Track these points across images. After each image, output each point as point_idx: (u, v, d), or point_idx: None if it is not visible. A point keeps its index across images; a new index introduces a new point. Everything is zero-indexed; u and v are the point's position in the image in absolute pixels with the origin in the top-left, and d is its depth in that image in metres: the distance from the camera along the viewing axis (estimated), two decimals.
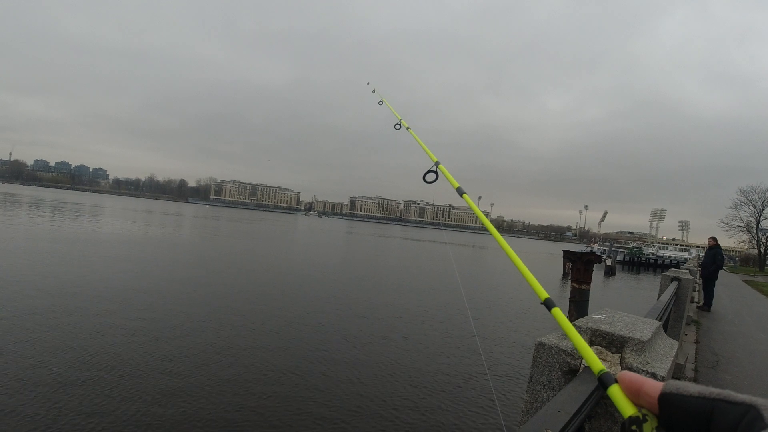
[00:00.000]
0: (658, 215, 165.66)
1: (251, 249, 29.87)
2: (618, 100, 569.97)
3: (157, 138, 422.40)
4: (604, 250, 54.89)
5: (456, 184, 1.77)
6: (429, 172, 1.84)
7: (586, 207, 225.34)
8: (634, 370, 1.17)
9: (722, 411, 0.40)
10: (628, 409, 0.53)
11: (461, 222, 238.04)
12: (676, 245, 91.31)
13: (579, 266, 11.36)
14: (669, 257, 62.27)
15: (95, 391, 6.15)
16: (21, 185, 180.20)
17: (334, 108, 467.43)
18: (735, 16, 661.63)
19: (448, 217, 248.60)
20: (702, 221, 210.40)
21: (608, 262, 39.06)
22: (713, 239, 11.70)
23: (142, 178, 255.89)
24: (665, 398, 0.46)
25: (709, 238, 11.82)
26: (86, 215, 46.01)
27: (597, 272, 20.00)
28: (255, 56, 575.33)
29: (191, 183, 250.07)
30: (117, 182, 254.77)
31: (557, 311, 1.06)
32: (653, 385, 0.49)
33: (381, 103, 3.49)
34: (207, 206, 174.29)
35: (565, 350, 1.22)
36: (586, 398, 0.94)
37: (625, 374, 0.55)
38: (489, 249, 60.52)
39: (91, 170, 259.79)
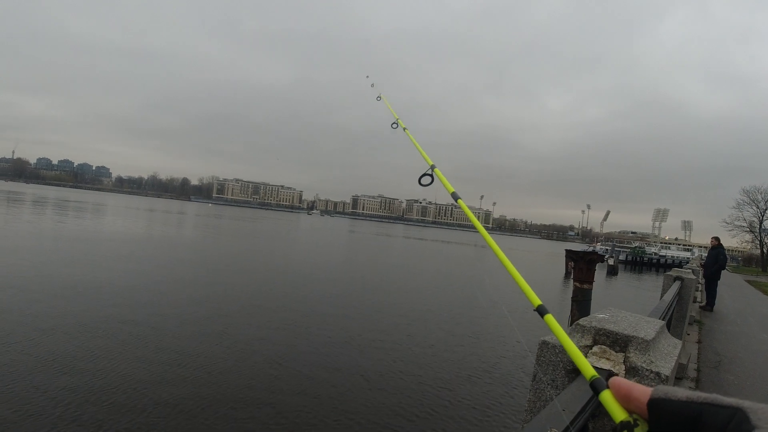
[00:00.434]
0: (661, 215, 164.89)
1: (254, 247, 29.93)
2: (619, 100, 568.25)
3: (160, 137, 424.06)
4: (607, 250, 54.80)
5: (451, 189, 1.76)
6: (424, 176, 1.85)
7: (589, 206, 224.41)
8: (638, 369, 1.18)
9: (710, 414, 0.41)
10: (620, 415, 0.54)
11: (463, 221, 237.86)
12: (679, 245, 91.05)
13: (581, 266, 11.34)
14: (671, 257, 62.20)
15: (99, 389, 6.19)
16: (24, 183, 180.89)
17: (336, 107, 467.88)
18: (735, 17, 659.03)
19: (451, 216, 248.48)
20: (705, 221, 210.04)
21: (611, 262, 39.00)
22: (716, 239, 11.68)
23: (145, 177, 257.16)
24: (654, 403, 0.47)
25: (712, 238, 11.80)
26: (89, 214, 46.17)
27: (599, 272, 19.96)
28: (256, 56, 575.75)
29: (194, 181, 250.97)
30: (120, 180, 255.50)
31: (550, 318, 1.05)
32: (643, 391, 0.50)
33: (379, 99, 3.41)
34: (209, 205, 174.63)
35: None
36: (591, 397, 0.95)
37: (616, 380, 0.56)
38: (489, 249, 60.26)
39: (94, 168, 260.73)
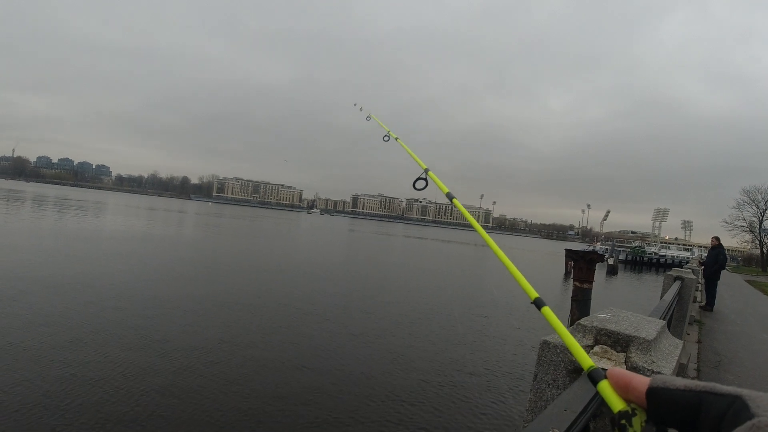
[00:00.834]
0: (661, 215, 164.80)
1: (255, 246, 29.94)
2: (619, 100, 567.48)
3: (160, 136, 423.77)
4: (607, 249, 54.81)
5: (446, 190, 1.79)
6: (419, 180, 1.88)
7: (589, 206, 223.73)
8: (640, 369, 1.18)
9: (709, 403, 0.41)
10: (618, 404, 0.53)
11: (463, 220, 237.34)
12: (679, 245, 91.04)
13: (581, 265, 11.36)
14: (671, 257, 62.17)
15: (100, 388, 6.19)
16: (24, 182, 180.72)
17: (336, 107, 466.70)
18: (735, 17, 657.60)
19: (451, 215, 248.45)
20: (705, 221, 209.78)
21: (610, 262, 39.00)
22: (716, 239, 11.69)
23: (145, 175, 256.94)
24: (653, 392, 0.47)
25: (713, 238, 11.80)
26: (90, 212, 46.15)
27: (599, 271, 19.98)
28: (257, 56, 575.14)
29: (194, 180, 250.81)
30: (120, 179, 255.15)
31: (547, 310, 1.06)
32: (641, 380, 0.50)
33: (369, 119, 3.54)
34: (209, 203, 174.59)
35: None
36: (592, 397, 0.95)
37: (614, 370, 0.56)
38: (488, 248, 60.33)
39: (94, 167, 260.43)
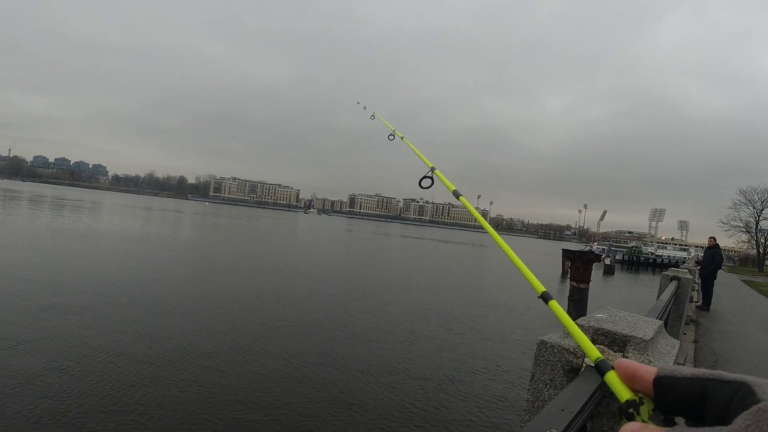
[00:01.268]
0: (658, 215, 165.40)
1: (252, 246, 29.87)
2: (618, 101, 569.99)
3: (159, 136, 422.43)
4: (603, 249, 55.03)
5: (452, 188, 1.79)
6: (425, 178, 1.87)
7: (586, 206, 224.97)
8: None
9: (715, 390, 0.41)
10: (625, 394, 0.54)
11: (460, 220, 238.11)
12: (675, 245, 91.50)
13: (578, 265, 11.38)
14: (668, 257, 62.38)
15: (102, 388, 6.17)
16: (20, 181, 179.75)
17: (336, 107, 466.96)
18: (733, 19, 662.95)
19: (448, 216, 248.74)
20: (701, 221, 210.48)
21: (607, 261, 39.09)
22: (713, 239, 11.74)
23: (142, 175, 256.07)
24: (660, 381, 0.48)
25: (709, 238, 11.86)
26: (86, 212, 45.94)
27: (596, 271, 20.03)
28: (257, 55, 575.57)
29: (191, 180, 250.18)
30: (116, 179, 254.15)
31: (554, 303, 1.08)
32: (648, 370, 0.51)
33: (373, 117, 3.52)
34: (206, 203, 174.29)
35: (568, 349, 1.22)
36: (589, 397, 0.95)
37: (622, 361, 0.57)
38: (488, 247, 60.57)
39: (91, 167, 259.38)
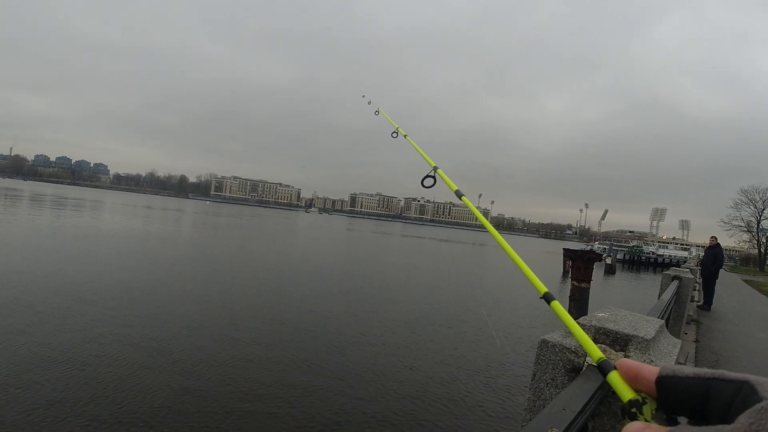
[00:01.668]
0: (659, 214, 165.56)
1: (254, 245, 29.88)
2: (618, 101, 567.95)
3: (160, 135, 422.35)
4: (605, 249, 54.93)
5: (455, 187, 1.79)
6: (427, 177, 1.86)
7: (587, 205, 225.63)
8: None
9: (718, 389, 0.42)
10: (628, 394, 0.54)
11: (461, 220, 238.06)
12: (677, 244, 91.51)
13: (579, 264, 11.39)
14: (669, 256, 62.25)
15: (102, 388, 6.18)
16: (22, 180, 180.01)
17: (336, 106, 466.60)
18: (731, 21, 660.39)
19: (449, 215, 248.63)
20: (702, 221, 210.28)
21: (608, 261, 39.05)
22: (714, 239, 11.73)
23: (143, 174, 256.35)
24: (662, 381, 0.48)
25: (711, 238, 11.84)
26: (87, 211, 46.02)
27: (597, 271, 20.03)
28: (258, 55, 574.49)
29: (192, 179, 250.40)
30: (118, 178, 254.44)
31: (556, 304, 1.08)
32: (650, 370, 0.51)
33: (377, 113, 3.51)
34: (207, 202, 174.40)
35: (569, 348, 1.22)
36: (591, 396, 0.94)
37: (624, 361, 0.57)
38: (489, 246, 60.55)
39: (92, 165, 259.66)
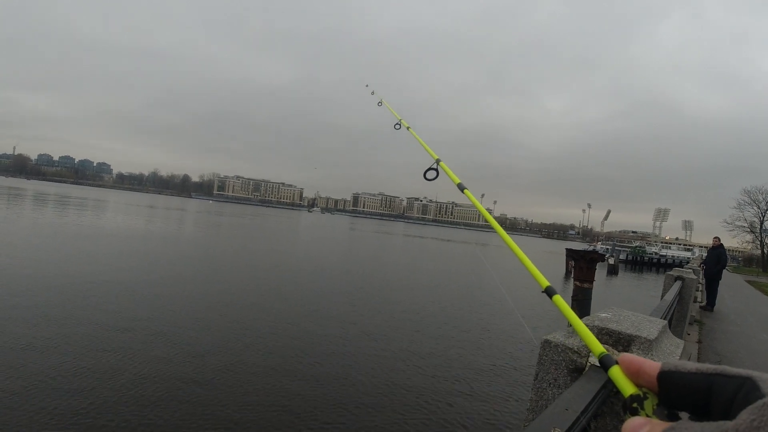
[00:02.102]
0: (662, 214, 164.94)
1: (257, 245, 29.93)
2: (618, 101, 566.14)
3: (162, 135, 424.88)
4: (607, 249, 54.83)
5: (457, 180, 1.80)
6: (429, 170, 1.87)
7: (589, 206, 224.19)
8: None
9: (720, 385, 0.42)
10: (629, 389, 0.54)
11: (464, 219, 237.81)
12: (680, 245, 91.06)
13: (582, 265, 11.34)
14: (672, 257, 62.12)
15: (103, 388, 6.20)
16: (25, 179, 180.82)
17: (338, 106, 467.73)
18: (730, 22, 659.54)
19: (451, 215, 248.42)
20: (705, 221, 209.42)
21: (611, 261, 38.95)
22: (717, 239, 11.69)
23: (146, 174, 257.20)
24: (664, 376, 0.48)
25: (714, 238, 11.80)
26: (90, 210, 46.18)
27: (600, 271, 19.94)
28: (259, 55, 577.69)
29: (195, 178, 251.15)
30: (121, 177, 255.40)
31: (558, 298, 1.07)
32: (652, 365, 0.51)
33: (380, 104, 3.53)
34: (210, 201, 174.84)
35: (572, 348, 1.22)
36: (593, 396, 0.94)
37: (626, 356, 0.57)
38: (492, 246, 60.47)
39: (95, 165, 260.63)
